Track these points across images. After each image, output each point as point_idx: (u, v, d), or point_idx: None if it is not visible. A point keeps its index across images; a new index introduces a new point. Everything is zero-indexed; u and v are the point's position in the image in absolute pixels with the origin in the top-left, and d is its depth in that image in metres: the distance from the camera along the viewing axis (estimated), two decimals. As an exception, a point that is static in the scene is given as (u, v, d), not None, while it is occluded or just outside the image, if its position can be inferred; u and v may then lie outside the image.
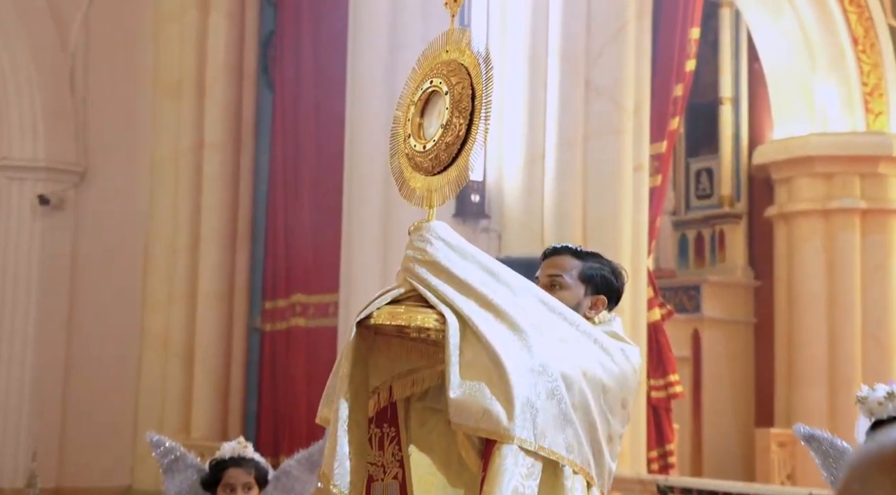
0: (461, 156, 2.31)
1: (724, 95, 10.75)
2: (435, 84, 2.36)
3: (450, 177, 2.31)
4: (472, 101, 2.31)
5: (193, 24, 8.05)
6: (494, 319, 2.28)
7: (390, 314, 2.32)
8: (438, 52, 2.40)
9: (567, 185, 6.61)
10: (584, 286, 2.70)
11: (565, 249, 2.73)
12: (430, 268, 2.31)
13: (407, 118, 2.41)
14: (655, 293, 7.10)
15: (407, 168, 2.39)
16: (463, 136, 2.31)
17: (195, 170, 8.01)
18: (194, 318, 7.90)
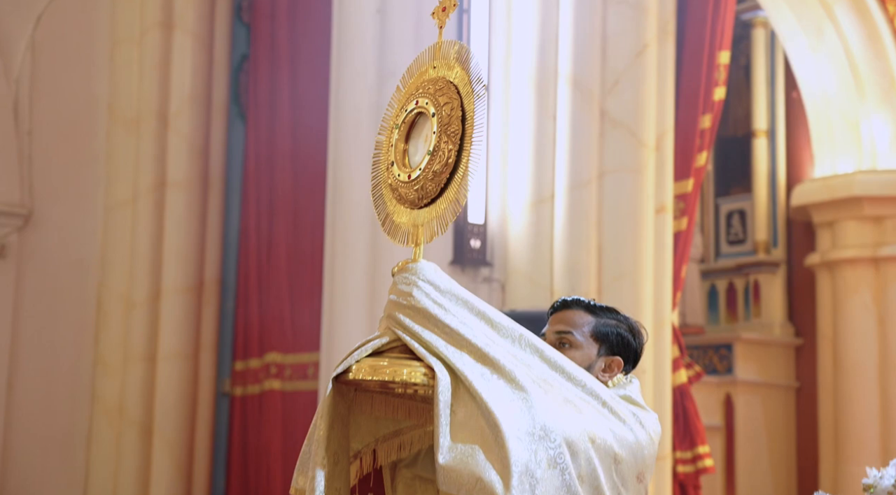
0: (451, 187, 2.30)
1: (757, 127, 10.80)
2: (421, 105, 2.35)
3: (438, 210, 2.30)
4: (463, 124, 2.30)
5: (155, 46, 8.07)
6: (491, 374, 2.26)
7: (372, 368, 2.30)
8: (425, 68, 2.39)
9: (579, 230, 6.60)
10: (597, 345, 2.69)
11: (576, 303, 2.72)
12: (417, 316, 2.30)
13: (390, 143, 2.40)
14: (682, 352, 7.07)
15: (390, 200, 2.38)
16: (452, 164, 2.29)
17: (156, 213, 8.00)
18: (153, 381, 7.85)
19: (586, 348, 2.68)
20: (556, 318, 2.75)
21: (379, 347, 2.32)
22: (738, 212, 11.04)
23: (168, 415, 7.83)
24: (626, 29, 6.77)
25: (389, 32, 6.72)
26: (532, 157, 6.77)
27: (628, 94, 6.72)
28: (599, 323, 2.71)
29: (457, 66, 2.36)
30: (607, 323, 2.71)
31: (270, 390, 7.78)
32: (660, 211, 6.77)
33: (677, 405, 6.92)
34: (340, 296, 6.69)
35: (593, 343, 2.69)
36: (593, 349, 2.69)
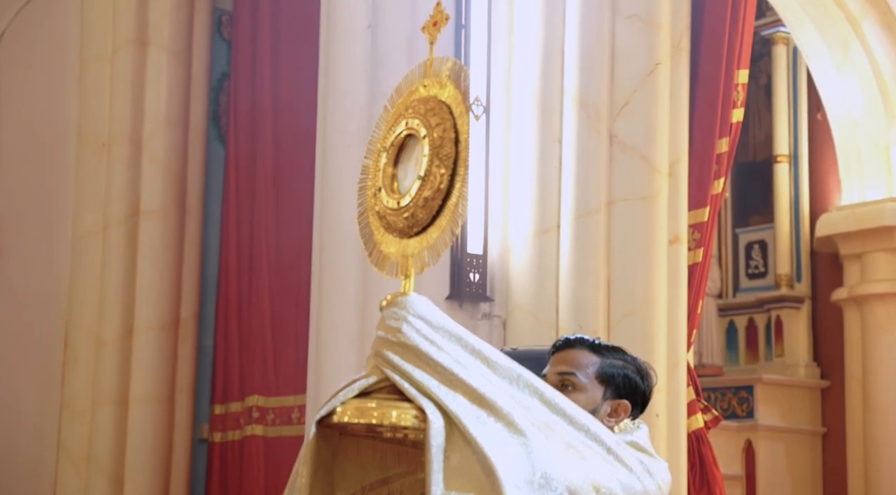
0: (443, 214, 2.30)
1: (779, 152, 10.82)
2: (411, 126, 2.35)
3: (430, 239, 2.30)
4: (457, 146, 2.30)
5: (128, 64, 8.09)
6: (487, 416, 2.26)
7: (358, 410, 2.29)
8: (415, 86, 2.40)
9: (586, 262, 6.61)
10: (602, 387, 2.69)
11: (580, 342, 2.73)
12: (407, 353, 2.30)
13: (378, 168, 2.40)
14: (698, 395, 7.06)
15: (378, 228, 2.38)
16: (445, 189, 2.29)
17: (128, 244, 8.00)
18: (124, 427, 7.83)
19: (591, 391, 2.68)
20: (557, 358, 2.75)
21: (366, 387, 2.32)
22: (758, 244, 11.05)
23: (141, 464, 7.80)
24: (637, 45, 6.80)
25: (381, 49, 6.74)
26: (535, 184, 6.78)
27: (639, 115, 6.74)
28: (605, 363, 2.71)
29: (449, 84, 2.36)
30: (613, 363, 2.71)
31: (252, 436, 7.76)
32: (673, 241, 6.77)
33: (693, 452, 6.90)
34: (328, 334, 6.68)
35: (598, 385, 2.70)
36: (598, 392, 2.69)
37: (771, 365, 10.67)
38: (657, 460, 2.58)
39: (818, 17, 9.49)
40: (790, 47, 10.77)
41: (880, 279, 9.77)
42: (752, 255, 11.05)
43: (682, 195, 6.85)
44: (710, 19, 7.18)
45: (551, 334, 6.45)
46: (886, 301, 9.72)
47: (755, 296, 10.88)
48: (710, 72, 7.16)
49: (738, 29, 7.28)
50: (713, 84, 7.15)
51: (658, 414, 6.40)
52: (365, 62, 6.75)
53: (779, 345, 10.68)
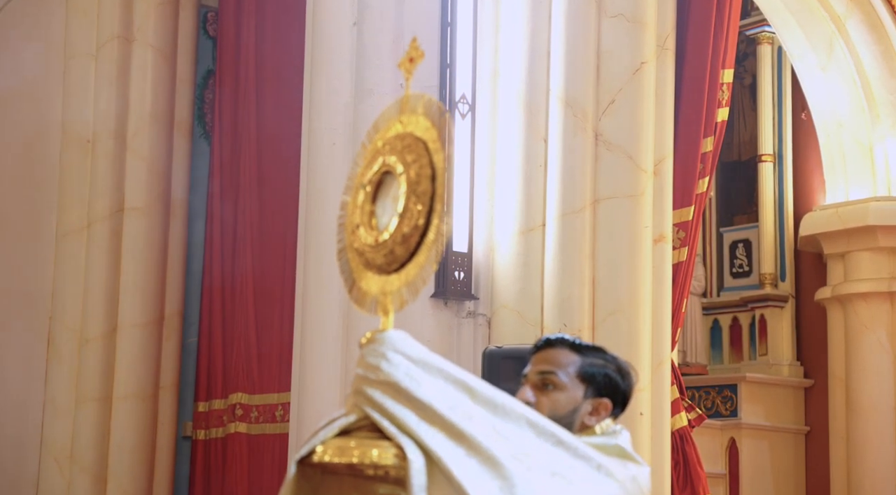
0: (421, 251, 2.30)
1: (764, 151, 10.84)
2: (388, 163, 2.36)
3: (409, 276, 2.30)
4: (433, 183, 2.30)
5: (112, 61, 8.07)
6: (467, 454, 2.25)
7: (339, 449, 2.29)
8: (392, 123, 2.40)
9: (572, 261, 6.61)
10: (583, 386, 2.70)
11: (560, 341, 2.73)
12: (387, 390, 2.29)
13: (356, 204, 2.40)
14: (682, 394, 7.07)
15: (357, 265, 2.38)
16: (423, 226, 2.29)
17: (112, 241, 7.98)
18: (108, 425, 7.81)
19: (571, 390, 2.69)
20: (538, 358, 2.76)
21: (346, 426, 2.32)
22: (742, 243, 11.06)
23: (124, 462, 7.78)
24: (623, 45, 6.80)
25: (367, 46, 6.73)
26: (521, 182, 6.78)
27: (624, 114, 6.74)
28: (585, 363, 2.72)
29: (424, 120, 2.36)
30: (594, 363, 2.72)
31: (236, 433, 7.75)
32: (658, 240, 6.78)
33: (677, 451, 6.91)
34: (313, 332, 6.66)
35: (579, 384, 2.70)
36: (579, 390, 2.70)
37: (755, 364, 10.69)
38: (642, 466, 2.59)
39: (803, 16, 9.50)
40: (775, 47, 10.79)
41: (864, 278, 9.78)
42: (736, 254, 11.06)
43: (667, 194, 6.85)
44: (695, 19, 7.19)
45: (536, 332, 6.45)
46: (869, 300, 9.73)
47: (739, 295, 10.90)
48: (696, 71, 7.17)
49: (724, 28, 7.29)
50: (698, 83, 7.16)
51: (642, 412, 6.40)
52: (350, 59, 6.74)
53: (763, 344, 10.70)
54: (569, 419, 2.72)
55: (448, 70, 6.80)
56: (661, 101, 6.87)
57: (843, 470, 9.72)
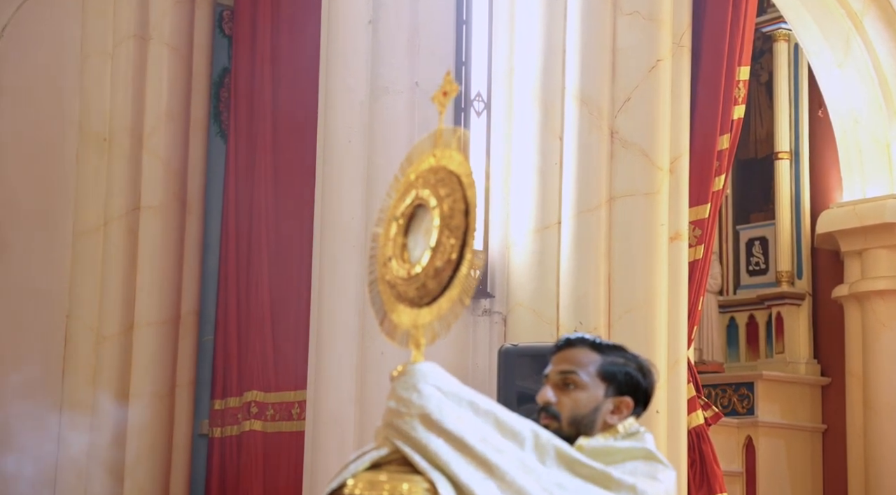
0: (454, 285, 2.30)
1: (780, 149, 10.80)
2: (421, 196, 2.35)
3: (441, 310, 2.30)
4: (466, 217, 2.30)
5: (129, 59, 8.08)
6: (498, 488, 2.27)
7: (369, 483, 2.30)
8: (425, 156, 2.40)
9: (587, 258, 6.59)
10: (604, 385, 2.70)
11: (581, 341, 2.74)
12: (420, 423, 2.31)
13: (388, 237, 2.40)
14: (698, 392, 7.05)
15: (389, 298, 2.38)
16: (455, 261, 2.29)
17: (128, 239, 7.99)
18: (125, 423, 7.82)
19: (592, 388, 2.70)
20: (559, 357, 2.76)
21: (377, 459, 2.32)
22: (759, 240, 11.03)
23: (140, 460, 7.80)
24: (638, 42, 6.78)
25: (382, 44, 6.73)
26: (536, 180, 6.77)
27: (640, 112, 6.72)
28: (606, 361, 2.72)
29: (458, 155, 2.37)
30: (614, 361, 2.73)
31: (251, 431, 7.75)
32: (674, 238, 6.76)
33: (693, 449, 6.89)
34: (328, 330, 6.67)
35: (600, 383, 2.71)
36: (600, 389, 2.71)
37: (771, 361, 10.66)
38: (668, 470, 2.60)
39: (819, 13, 9.47)
40: (791, 44, 10.75)
41: (881, 276, 9.75)
42: (752, 252, 11.03)
43: (682, 192, 6.83)
44: (711, 16, 7.17)
45: (552, 330, 6.44)
46: (887, 298, 9.70)
47: (756, 293, 10.87)
48: (712, 68, 7.15)
49: (740, 26, 7.26)
50: (714, 81, 7.14)
51: (658, 410, 6.39)
52: (366, 57, 6.74)
53: (779, 342, 10.66)
54: (590, 418, 2.72)
55: (463, 68, 6.80)
56: (676, 99, 6.85)
57: (861, 469, 9.69)
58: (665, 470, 2.61)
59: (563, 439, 2.71)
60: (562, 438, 2.71)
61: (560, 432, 2.72)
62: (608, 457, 2.65)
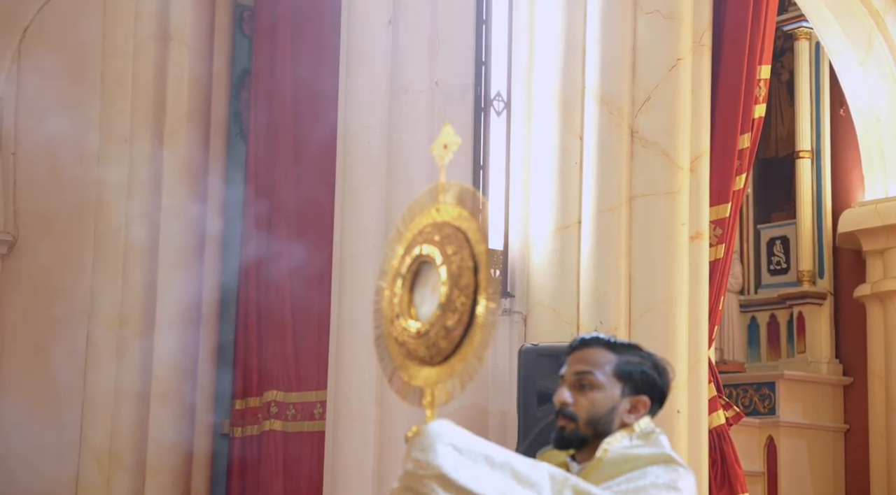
0: (466, 344, 2.28)
1: (801, 147, 10.76)
2: (426, 253, 2.35)
3: (454, 369, 2.29)
4: (476, 275, 2.28)
5: (150, 60, 8.10)
6: None
7: None
8: (427, 210, 2.37)
9: (607, 258, 6.58)
10: (620, 385, 2.70)
11: (596, 340, 2.73)
12: (437, 484, 2.32)
13: (394, 292, 2.38)
14: (719, 392, 7.02)
15: (398, 355, 2.37)
16: (467, 321, 2.27)
17: (150, 240, 8.01)
18: (146, 422, 7.84)
19: (609, 388, 2.69)
20: (574, 358, 2.76)
21: None
22: (780, 240, 10.99)
23: (161, 459, 7.81)
24: (659, 41, 6.76)
25: (402, 44, 6.72)
26: (556, 180, 6.76)
27: (661, 111, 6.70)
28: (622, 360, 2.72)
29: (461, 210, 2.34)
30: (630, 360, 2.72)
31: (271, 431, 7.76)
32: (695, 237, 6.74)
33: (714, 449, 6.87)
34: (349, 329, 6.67)
35: (616, 382, 2.70)
36: (616, 389, 2.70)
37: (793, 361, 10.62)
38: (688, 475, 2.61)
39: (841, 12, 9.44)
40: (812, 42, 10.71)
41: (903, 275, 9.74)
42: (774, 251, 11.00)
43: (703, 191, 6.81)
44: (731, 15, 7.14)
45: (572, 330, 6.42)
46: (909, 297, 9.69)
47: (777, 293, 10.83)
48: (732, 67, 7.12)
49: (760, 24, 7.23)
50: (735, 80, 7.11)
51: (679, 410, 6.37)
52: (385, 57, 6.74)
53: (801, 342, 10.63)
54: (608, 418, 2.72)
55: (483, 68, 6.79)
56: (697, 98, 6.83)
57: (884, 469, 9.65)
58: (685, 475, 2.61)
59: (580, 440, 2.71)
60: (579, 439, 2.70)
61: (577, 433, 2.71)
62: (630, 464, 2.65)
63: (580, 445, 2.75)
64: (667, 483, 2.56)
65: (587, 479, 2.65)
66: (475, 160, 6.70)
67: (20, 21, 8.22)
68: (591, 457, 2.74)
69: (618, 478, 2.60)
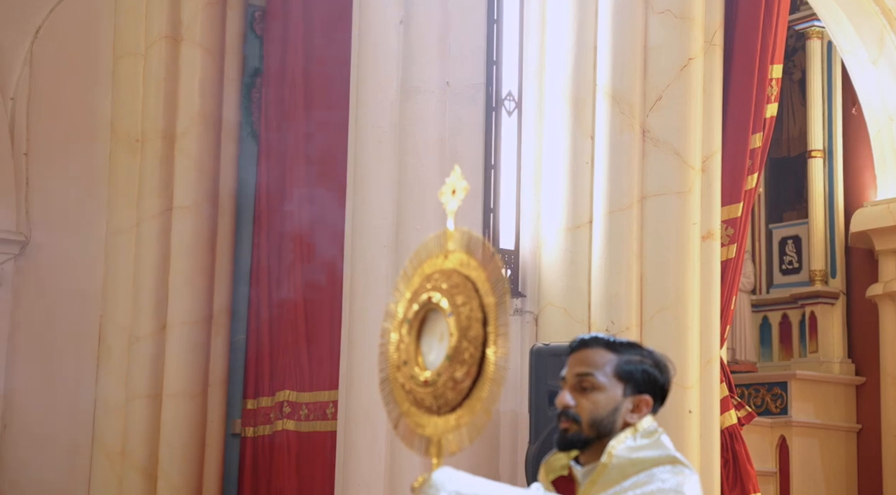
0: (475, 397, 2.27)
1: (813, 147, 10.73)
2: (435, 301, 2.32)
3: (462, 421, 2.28)
4: (485, 327, 2.25)
5: (161, 60, 8.11)
6: None
7: None
8: (435, 256, 2.34)
9: (619, 258, 6.57)
10: (621, 385, 2.70)
11: (595, 341, 2.73)
12: None
13: (401, 338, 2.36)
14: (731, 391, 7.01)
15: (403, 401, 2.36)
16: (475, 373, 2.25)
17: (161, 239, 8.02)
18: (158, 422, 7.84)
19: (610, 389, 2.68)
20: (574, 359, 2.74)
21: None
22: (792, 239, 10.97)
23: (174, 458, 7.82)
24: (670, 40, 6.75)
25: (413, 44, 6.72)
26: (567, 179, 6.75)
27: (672, 110, 6.69)
28: (622, 360, 2.71)
29: (470, 259, 2.31)
30: (630, 360, 2.71)
31: (283, 431, 7.76)
32: (707, 237, 6.72)
33: (726, 449, 6.85)
34: (360, 329, 6.66)
35: (617, 382, 2.69)
36: (618, 389, 2.69)
37: (805, 361, 10.60)
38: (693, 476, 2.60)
39: (853, 11, 9.41)
40: (824, 41, 10.68)
41: (916, 275, 9.72)
42: (786, 251, 10.97)
43: (715, 190, 6.80)
44: (743, 14, 7.13)
45: (583, 330, 6.41)
46: (922, 297, 9.67)
47: (789, 292, 10.81)
48: (744, 67, 7.11)
49: (772, 23, 7.22)
50: (747, 79, 7.09)
51: (691, 410, 6.35)
52: (397, 57, 6.73)
53: (813, 342, 10.60)
54: (610, 418, 2.70)
55: (494, 67, 6.78)
56: (709, 97, 6.81)
57: (896, 468, 9.64)
58: (690, 477, 2.61)
59: (583, 442, 2.70)
60: (582, 441, 2.69)
61: (581, 435, 2.70)
62: (636, 467, 2.64)
63: (583, 447, 2.74)
64: (673, 487, 2.55)
65: (594, 485, 2.64)
66: (486, 160, 6.69)
67: (32, 21, 8.23)
68: (594, 459, 2.73)
69: (624, 484, 2.59)
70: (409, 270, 2.40)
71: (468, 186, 2.36)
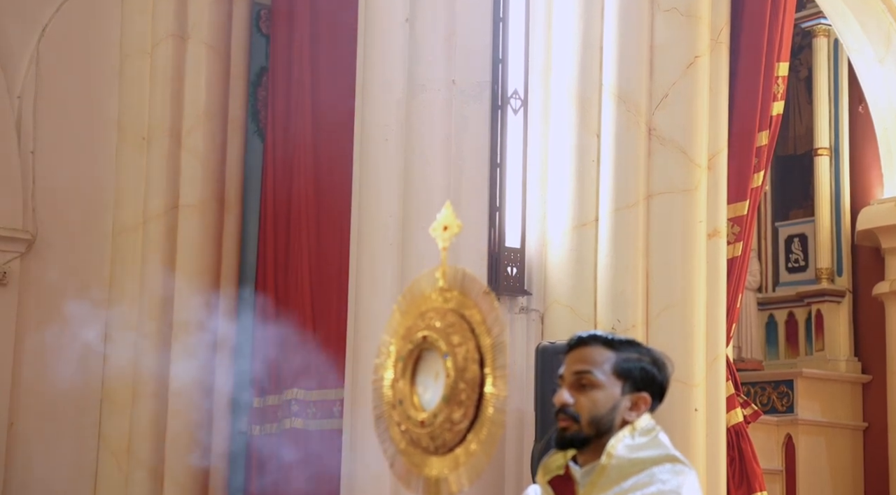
0: (471, 440, 2.23)
1: (820, 145, 10.72)
2: (430, 340, 2.28)
3: (459, 462, 2.24)
4: (482, 369, 2.23)
5: (167, 59, 8.12)
6: None
7: None
8: (429, 293, 2.31)
9: (625, 256, 6.57)
10: (620, 382, 2.69)
11: (593, 338, 2.72)
12: None
13: (396, 376, 2.32)
14: (737, 389, 7.01)
15: (400, 440, 2.33)
16: (472, 415, 2.23)
17: (167, 237, 8.03)
18: (164, 420, 7.85)
19: (609, 387, 2.68)
20: (573, 357, 2.74)
21: None
22: (798, 237, 10.96)
23: (180, 456, 7.82)
24: (676, 38, 6.74)
25: (419, 42, 6.72)
26: (574, 177, 6.75)
27: (678, 108, 6.69)
28: (620, 358, 2.70)
29: (465, 298, 2.27)
30: (629, 357, 2.70)
31: (291, 429, 7.76)
32: (713, 235, 6.72)
33: (732, 447, 6.85)
34: (366, 327, 6.67)
35: (616, 380, 2.69)
36: (616, 387, 2.69)
37: (811, 359, 10.59)
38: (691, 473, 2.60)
39: (859, 8, 9.40)
40: (831, 39, 10.67)
41: (922, 273, 9.71)
42: (792, 249, 10.96)
43: (721, 188, 6.79)
44: (749, 12, 7.12)
45: (589, 328, 6.41)
46: (928, 295, 9.66)
47: (795, 290, 10.80)
48: (750, 65, 7.10)
49: (779, 21, 7.21)
50: (753, 77, 7.09)
51: (697, 408, 6.35)
52: (402, 55, 6.73)
53: (819, 340, 10.60)
54: (609, 417, 2.70)
55: (500, 65, 6.78)
56: (715, 95, 6.81)
57: (903, 467, 9.64)
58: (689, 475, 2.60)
59: (582, 440, 2.69)
60: (581, 439, 2.69)
61: (580, 433, 2.69)
62: (636, 467, 2.64)
63: (582, 445, 2.74)
64: (673, 488, 2.55)
65: (594, 486, 2.63)
66: (492, 158, 6.70)
67: (39, 20, 8.24)
68: (593, 458, 2.73)
69: (624, 484, 2.59)
70: (403, 305, 2.37)
71: (461, 225, 2.30)
